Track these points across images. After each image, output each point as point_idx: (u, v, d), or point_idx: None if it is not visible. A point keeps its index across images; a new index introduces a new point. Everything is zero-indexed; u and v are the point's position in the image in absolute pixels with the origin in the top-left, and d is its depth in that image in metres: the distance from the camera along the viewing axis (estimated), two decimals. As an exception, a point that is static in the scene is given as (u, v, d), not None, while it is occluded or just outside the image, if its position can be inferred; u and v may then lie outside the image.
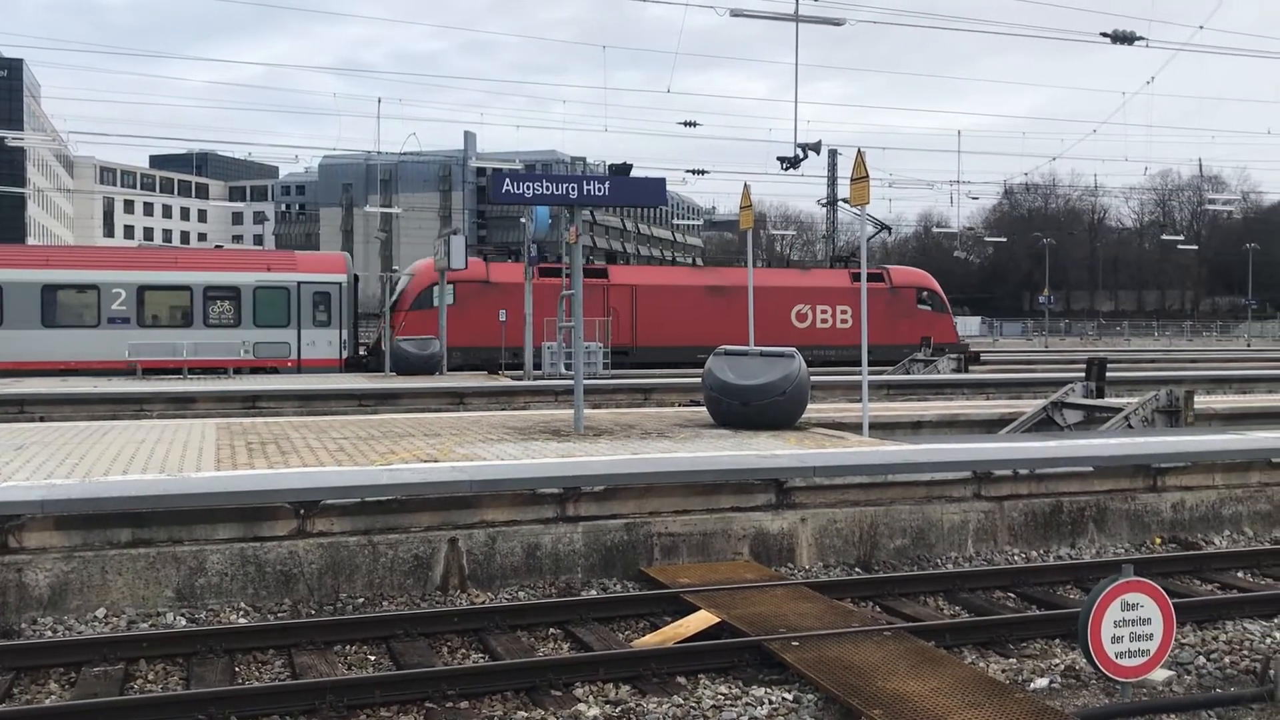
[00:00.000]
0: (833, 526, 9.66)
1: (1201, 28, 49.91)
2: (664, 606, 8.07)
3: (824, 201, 64.04)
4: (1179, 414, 15.53)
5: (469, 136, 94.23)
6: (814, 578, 9.01)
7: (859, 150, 13.22)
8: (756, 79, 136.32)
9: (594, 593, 8.63)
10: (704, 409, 14.18)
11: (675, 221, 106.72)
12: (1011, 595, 8.83)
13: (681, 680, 6.64)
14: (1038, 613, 8.04)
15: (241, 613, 8.02)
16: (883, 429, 15.05)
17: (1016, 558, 9.95)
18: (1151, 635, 6.18)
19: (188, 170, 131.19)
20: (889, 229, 51.28)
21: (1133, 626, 6.14)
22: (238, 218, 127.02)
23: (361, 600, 8.34)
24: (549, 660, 6.80)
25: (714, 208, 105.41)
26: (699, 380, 14.40)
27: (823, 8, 27.29)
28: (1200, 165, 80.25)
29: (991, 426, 16.85)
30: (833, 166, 60.51)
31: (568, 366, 23.86)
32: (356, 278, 30.90)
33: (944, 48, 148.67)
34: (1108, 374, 18.00)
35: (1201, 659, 6.96)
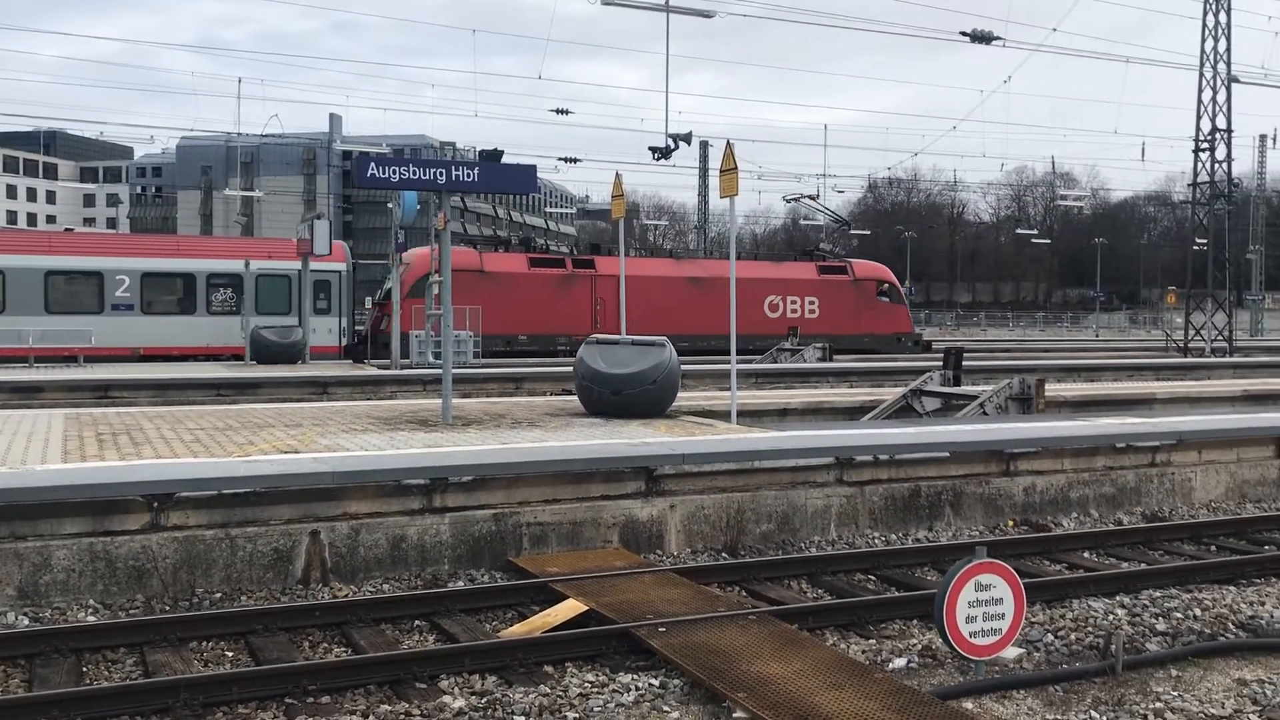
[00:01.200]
0: (701, 513, 9.76)
1: (1055, 30, 51.90)
2: (532, 596, 8.04)
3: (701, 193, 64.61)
4: (1031, 401, 16.17)
5: (335, 119, 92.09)
6: (682, 564, 9.09)
7: (728, 142, 13.36)
8: (632, 69, 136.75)
9: (461, 584, 8.54)
10: (576, 398, 14.17)
11: (548, 209, 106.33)
12: (872, 578, 9.07)
13: (549, 669, 6.62)
14: (897, 594, 8.27)
15: (90, 610, 7.69)
16: (751, 416, 15.29)
17: (877, 541, 10.21)
18: (1003, 615, 6.40)
19: (35, 149, 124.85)
20: (848, 224, 52.78)
21: (986, 606, 6.35)
22: (90, 199, 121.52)
23: (219, 595, 8.09)
24: (413, 653, 6.70)
25: (588, 196, 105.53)
26: (571, 369, 14.38)
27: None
28: (1053, 162, 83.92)
29: (854, 413, 17.28)
30: (704, 158, 61.03)
31: (436, 355, 23.56)
32: (355, 265, 31.38)
33: (815, 45, 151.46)
34: (964, 363, 18.63)
35: (1050, 636, 7.25)
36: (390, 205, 27.21)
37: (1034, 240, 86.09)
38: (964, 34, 28.99)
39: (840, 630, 7.51)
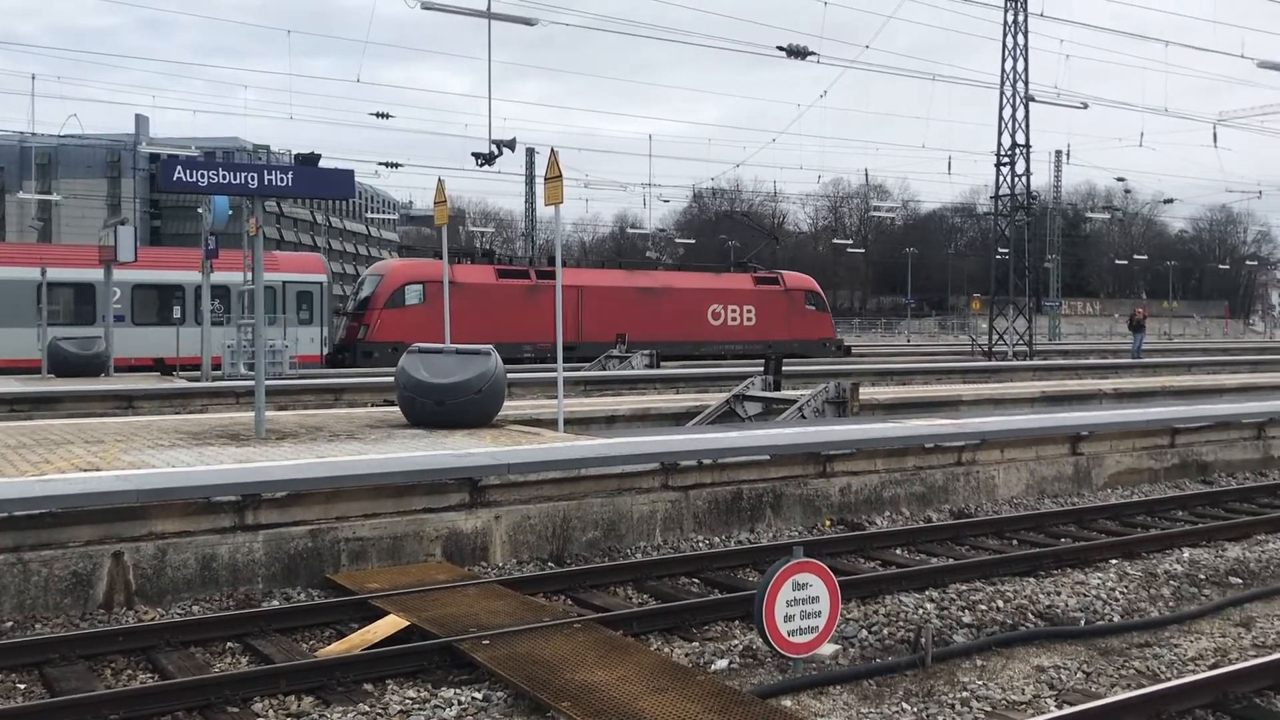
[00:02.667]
0: (527, 523, 9.69)
1: (868, 47, 53.93)
2: (351, 613, 7.82)
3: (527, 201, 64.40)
4: (846, 404, 16.70)
5: (141, 120, 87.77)
6: (508, 575, 9.01)
7: (552, 150, 13.34)
8: (456, 74, 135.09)
9: (276, 603, 8.23)
10: (398, 409, 13.88)
11: (369, 215, 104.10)
12: (696, 581, 9.18)
13: (368, 687, 6.45)
14: (719, 596, 8.40)
15: None
16: (579, 424, 15.31)
17: (701, 544, 10.36)
18: (820, 613, 6.59)
19: None
20: (777, 239, 55.51)
21: (803, 605, 6.53)
22: None
23: (10, 624, 7.57)
24: (225, 676, 6.42)
25: (411, 202, 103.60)
26: (392, 380, 14.08)
27: (518, 6, 27.41)
28: (867, 175, 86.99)
29: (681, 419, 17.49)
30: (530, 165, 60.99)
31: (249, 366, 22.73)
32: (333, 276, 31.61)
33: (639, 56, 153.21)
34: (784, 368, 19.12)
35: (864, 632, 7.49)
36: (201, 210, 26.13)
37: (850, 250, 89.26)
38: (781, 49, 29.81)
39: (664, 634, 7.58)
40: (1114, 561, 9.79)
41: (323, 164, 13.04)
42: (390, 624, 7.34)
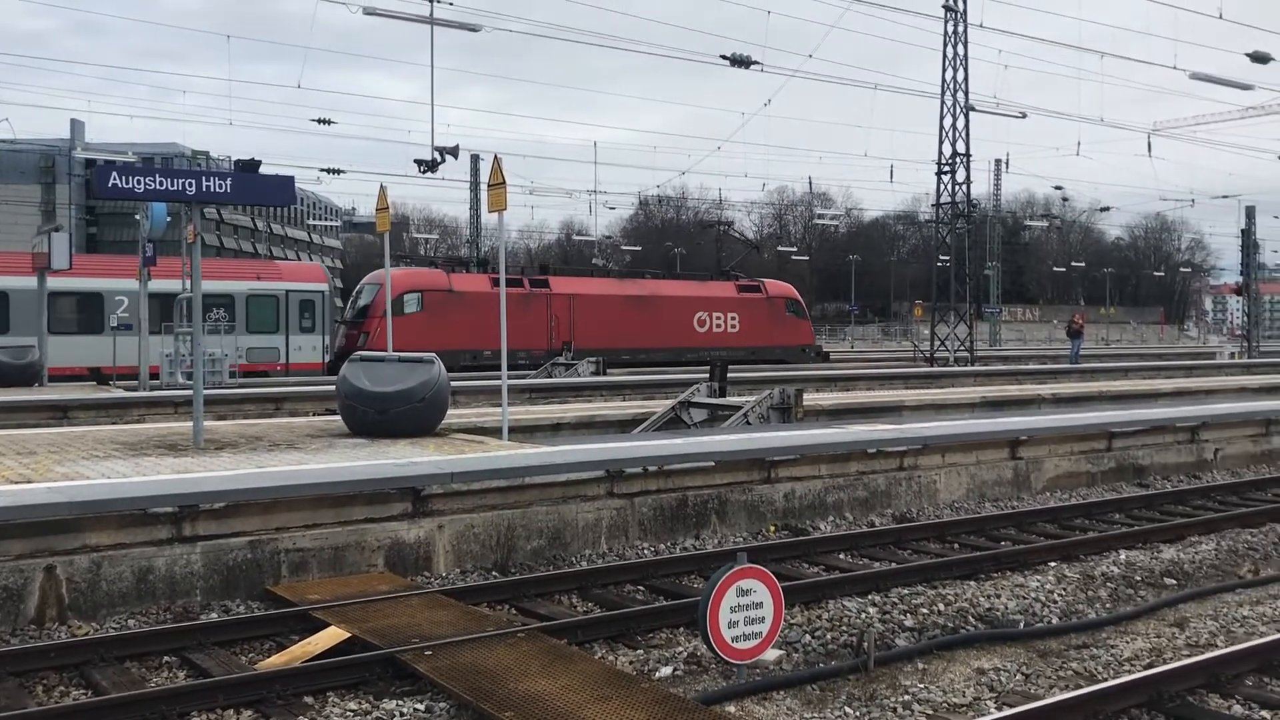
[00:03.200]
0: (471, 532, 9.63)
1: (811, 56, 54.44)
2: (292, 625, 7.71)
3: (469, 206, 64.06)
4: (791, 410, 16.80)
5: (76, 125, 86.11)
6: (451, 585, 8.94)
7: (495, 157, 13.29)
8: (399, 80, 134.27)
9: (215, 615, 8.10)
10: (339, 418, 13.72)
11: (311, 222, 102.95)
12: (642, 588, 9.18)
13: (309, 700, 6.36)
14: (664, 603, 8.39)
15: None
16: (524, 432, 15.23)
17: (647, 551, 10.35)
18: (764, 618, 6.61)
19: None
20: (758, 248, 57.04)
21: (747, 611, 6.53)
22: None
23: (-64, 643, 7.37)
24: (161, 691, 6.30)
25: (354, 209, 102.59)
26: (334, 388, 13.92)
27: (462, 12, 27.30)
28: (810, 183, 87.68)
29: (626, 426, 17.49)
30: (474, 171, 60.76)
31: (187, 375, 22.37)
32: (334, 286, 31.61)
33: (586, 63, 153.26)
34: (729, 374, 19.20)
35: (808, 637, 7.53)
36: (138, 217, 25.68)
37: (794, 257, 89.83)
38: (724, 58, 29.97)
39: (609, 642, 7.56)
40: (1053, 564, 9.93)
41: (263, 170, 12.84)
42: (331, 635, 7.25)
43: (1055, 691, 6.44)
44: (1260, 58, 32.32)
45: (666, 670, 6.86)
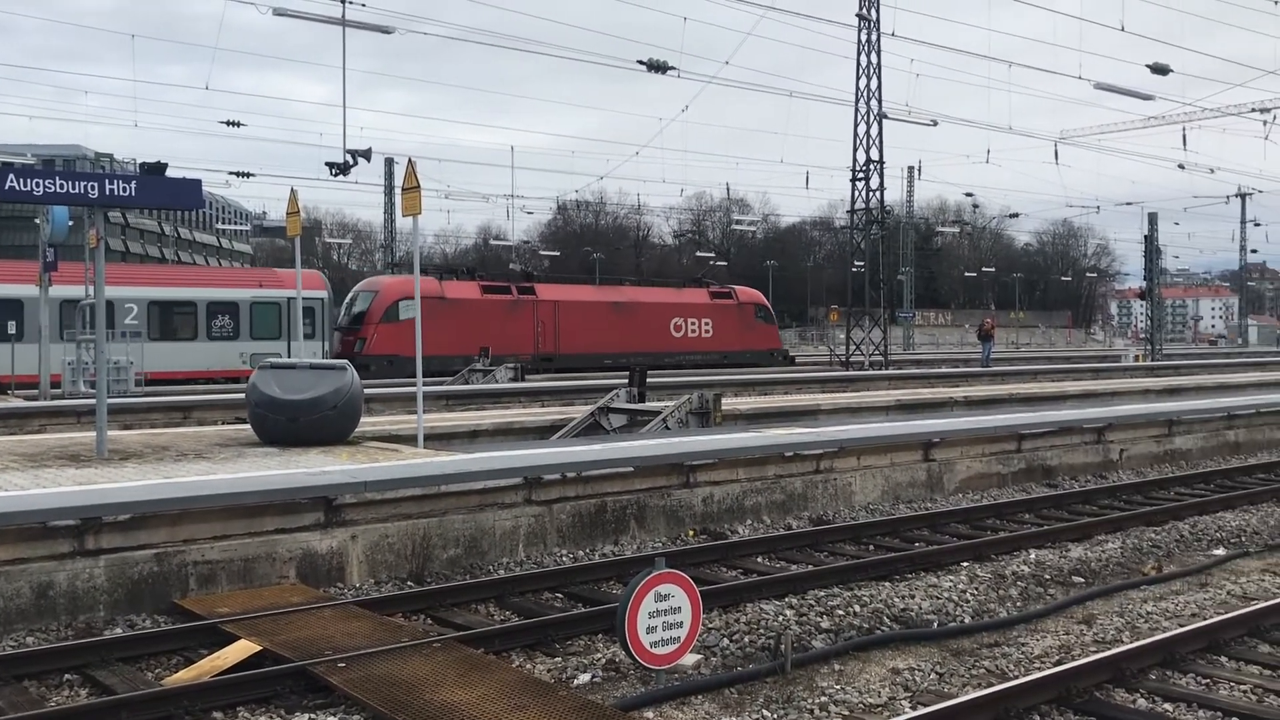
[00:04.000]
0: (385, 541, 9.48)
1: (727, 63, 54.89)
2: (200, 639, 7.52)
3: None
4: (709, 415, 16.88)
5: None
6: (365, 595, 8.79)
7: (409, 160, 13.14)
8: (312, 83, 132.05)
9: (119, 631, 7.86)
10: (249, 427, 13.43)
11: (221, 226, 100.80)
12: (560, 595, 9.12)
13: (218, 716, 6.21)
14: (582, 610, 8.35)
15: None
16: (440, 439, 15.06)
17: (565, 558, 10.30)
18: (682, 623, 6.60)
19: None
20: (727, 260, 57.60)
21: (665, 616, 6.53)
22: None
23: None
24: (61, 710, 6.09)
25: (265, 212, 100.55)
26: (244, 397, 13.61)
27: (376, 15, 26.98)
28: (728, 189, 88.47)
29: (545, 432, 17.40)
30: (389, 175, 60.03)
31: (91, 384, 21.72)
32: (333, 294, 33.67)
33: (503, 68, 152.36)
34: (649, 379, 19.22)
35: (726, 640, 7.55)
36: (38, 221, 24.90)
37: (712, 262, 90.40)
38: (641, 63, 30.07)
39: (527, 650, 7.50)
40: (965, 564, 10.11)
41: (170, 173, 12.50)
42: (241, 649, 7.08)
43: (968, 690, 6.54)
44: (1160, 69, 33.36)
45: (585, 677, 6.83)
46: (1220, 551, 10.81)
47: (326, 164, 29.24)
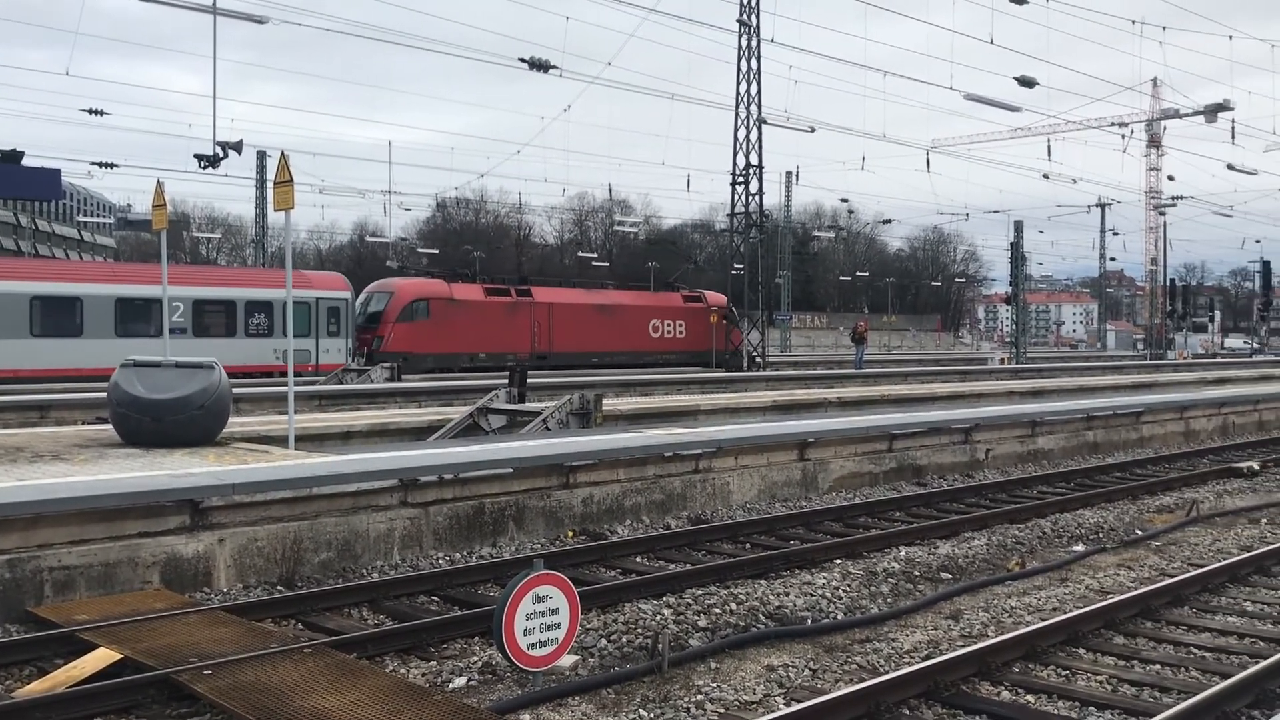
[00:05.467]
0: (254, 545, 9.21)
1: (610, 64, 54.98)
2: (56, 648, 7.19)
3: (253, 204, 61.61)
4: (590, 415, 16.86)
5: None
6: (233, 600, 8.53)
7: (282, 153, 12.79)
8: (183, 72, 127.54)
9: (-34, 642, 7.46)
10: (111, 427, 12.90)
11: (82, 218, 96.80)
12: (436, 599, 9.00)
13: (73, 730, 5.93)
14: (459, 613, 8.25)
15: None
16: (312, 441, 14.70)
17: (441, 561, 10.16)
18: (560, 624, 6.58)
19: None
20: (695, 263, 64.58)
21: (543, 617, 6.49)
22: None
23: None
24: (-100, 729, 5.75)
25: (129, 205, 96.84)
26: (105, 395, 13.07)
27: (249, 4, 26.25)
28: (610, 190, 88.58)
29: (421, 434, 17.13)
30: (261, 169, 58.43)
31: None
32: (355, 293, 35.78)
33: (384, 63, 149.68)
34: (529, 380, 19.11)
35: (604, 641, 7.54)
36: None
37: (595, 263, 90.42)
38: (523, 60, 29.89)
39: (401, 655, 7.37)
40: (838, 561, 10.30)
41: (26, 162, 11.94)
42: (100, 657, 6.79)
43: (840, 686, 6.65)
44: (1027, 82, 34.55)
45: (460, 681, 6.74)
46: (1079, 548, 11.24)
47: (196, 156, 28.21)
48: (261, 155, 57.08)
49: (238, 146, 26.92)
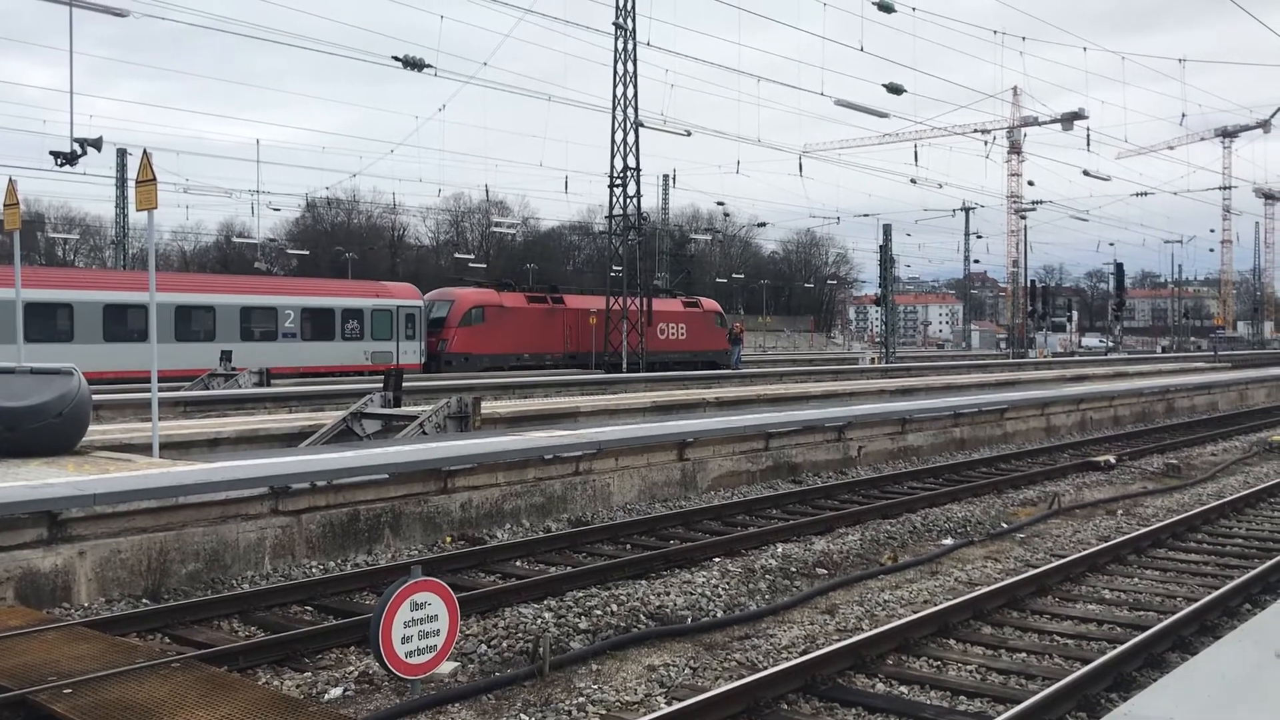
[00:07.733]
0: (117, 557, 8.86)
1: (486, 64, 54.53)
2: (-102, 673, 6.77)
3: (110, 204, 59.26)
4: (469, 419, 16.68)
5: None
6: (95, 615, 8.19)
7: (144, 152, 12.36)
8: (38, 66, 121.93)
9: None
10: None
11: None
12: (310, 608, 8.79)
13: (-82, 758, 5.61)
14: (334, 623, 8.07)
15: None
16: (177, 449, 14.23)
17: (315, 570, 9.93)
18: (439, 631, 6.48)
19: None
20: (689, 271, 65.53)
21: (421, 625, 6.39)
22: None
23: None
24: None
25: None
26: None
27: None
28: (487, 191, 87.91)
29: (293, 440, 16.72)
30: (122, 167, 56.32)
31: None
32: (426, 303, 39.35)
33: (253, 61, 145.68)
34: (405, 384, 18.82)
35: (484, 646, 7.47)
36: None
37: (472, 265, 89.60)
38: (396, 59, 29.44)
39: (275, 667, 7.18)
40: (717, 560, 10.40)
41: None
42: (-53, 682, 6.42)
43: (720, 683, 6.72)
44: (895, 89, 35.46)
45: (336, 692, 6.59)
46: (949, 541, 11.58)
47: (51, 153, 26.99)
48: (122, 153, 55.07)
49: (97, 144, 25.86)
